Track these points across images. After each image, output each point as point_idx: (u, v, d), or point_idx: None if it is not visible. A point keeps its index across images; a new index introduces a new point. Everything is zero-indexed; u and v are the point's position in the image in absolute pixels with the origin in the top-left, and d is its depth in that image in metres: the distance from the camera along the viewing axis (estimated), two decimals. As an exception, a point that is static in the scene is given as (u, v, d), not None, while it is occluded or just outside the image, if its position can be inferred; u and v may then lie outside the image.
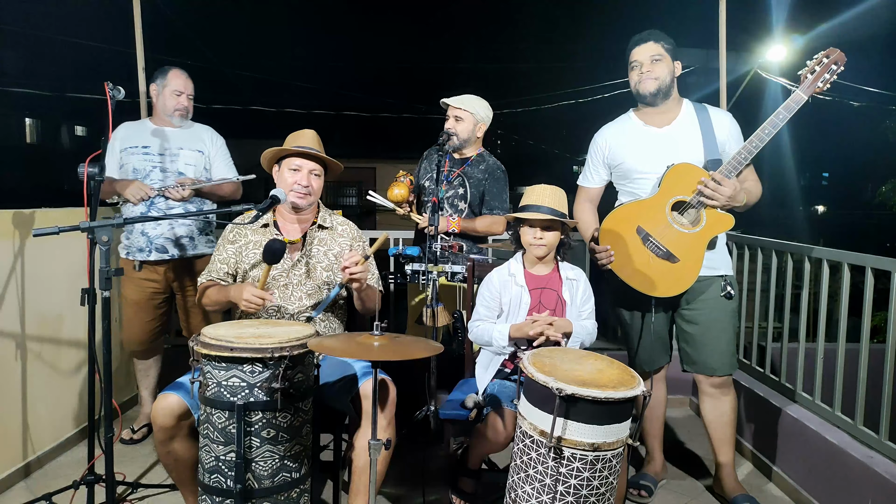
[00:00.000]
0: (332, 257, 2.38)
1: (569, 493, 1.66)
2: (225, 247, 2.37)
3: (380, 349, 1.71)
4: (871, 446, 2.41)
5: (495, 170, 3.09)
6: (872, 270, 2.48)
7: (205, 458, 1.87)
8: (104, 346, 2.10)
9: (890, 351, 2.38)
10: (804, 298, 3.00)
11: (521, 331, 2.18)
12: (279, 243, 2.13)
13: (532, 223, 2.22)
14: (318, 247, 2.37)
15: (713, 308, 2.47)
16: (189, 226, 3.08)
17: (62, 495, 2.47)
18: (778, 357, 3.12)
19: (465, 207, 3.07)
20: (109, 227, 2.04)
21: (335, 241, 2.41)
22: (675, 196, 2.38)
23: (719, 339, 2.48)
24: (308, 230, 2.38)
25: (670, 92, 2.47)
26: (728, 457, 2.59)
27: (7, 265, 2.70)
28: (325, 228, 2.41)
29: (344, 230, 2.45)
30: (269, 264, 2.14)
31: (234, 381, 1.81)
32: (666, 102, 2.48)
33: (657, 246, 2.40)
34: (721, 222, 2.34)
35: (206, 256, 3.08)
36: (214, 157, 3.20)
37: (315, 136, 2.38)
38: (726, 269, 2.49)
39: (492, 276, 2.34)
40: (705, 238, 2.36)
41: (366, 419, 2.08)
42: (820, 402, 2.76)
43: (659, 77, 2.42)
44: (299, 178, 2.29)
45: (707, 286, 2.47)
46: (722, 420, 2.57)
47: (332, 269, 2.37)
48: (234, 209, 2.22)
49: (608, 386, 1.66)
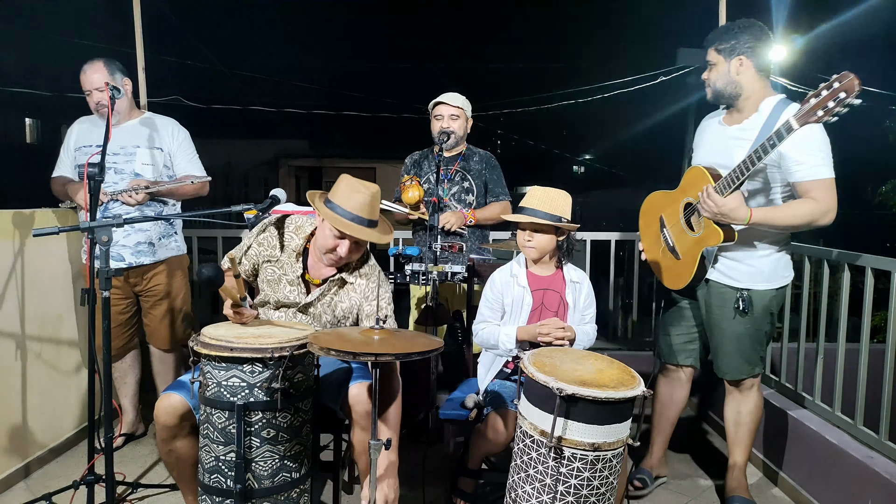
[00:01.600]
0: (341, 312, 2.23)
1: (569, 492, 1.66)
2: (255, 247, 2.22)
3: (380, 343, 1.71)
4: (871, 446, 2.41)
5: (490, 159, 3.25)
6: (872, 270, 2.48)
7: (205, 458, 1.87)
8: (104, 346, 2.10)
9: (890, 351, 2.38)
10: (804, 298, 2.99)
11: (530, 333, 2.18)
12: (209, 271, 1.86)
13: (522, 226, 2.23)
14: (332, 297, 2.22)
15: (725, 318, 2.42)
16: (147, 231, 2.89)
17: (62, 495, 2.47)
18: (778, 357, 3.12)
19: (472, 200, 3.17)
20: (109, 228, 2.04)
21: (349, 295, 2.22)
22: (687, 197, 2.39)
23: (728, 345, 2.45)
24: (332, 277, 2.20)
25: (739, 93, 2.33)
26: (737, 458, 2.57)
27: (7, 265, 2.70)
28: (346, 283, 2.22)
29: (358, 284, 2.20)
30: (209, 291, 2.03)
31: (234, 381, 1.81)
32: (738, 102, 2.35)
33: (667, 239, 2.47)
34: (713, 235, 2.25)
35: (170, 260, 3.02)
36: (176, 154, 2.97)
37: (372, 202, 2.06)
38: (750, 283, 2.36)
39: (494, 277, 2.34)
40: (700, 245, 2.33)
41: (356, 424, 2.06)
42: (820, 402, 2.76)
43: (711, 84, 2.37)
44: (339, 247, 2.07)
45: (725, 294, 2.41)
46: (736, 419, 2.55)
47: (340, 321, 2.24)
48: (234, 209, 2.18)
49: (608, 386, 1.66)
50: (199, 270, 1.89)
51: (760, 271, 2.36)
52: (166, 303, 3.05)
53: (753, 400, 2.53)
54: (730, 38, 2.30)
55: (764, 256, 2.36)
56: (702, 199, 2.23)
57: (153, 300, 3.04)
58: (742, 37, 2.28)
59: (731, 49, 2.29)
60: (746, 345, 2.43)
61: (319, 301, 2.21)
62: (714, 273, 2.41)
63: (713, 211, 2.19)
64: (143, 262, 2.92)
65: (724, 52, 2.31)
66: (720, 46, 2.32)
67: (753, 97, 2.31)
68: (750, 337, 2.42)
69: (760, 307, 2.38)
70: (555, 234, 2.23)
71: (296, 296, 2.21)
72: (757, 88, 2.30)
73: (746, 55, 2.27)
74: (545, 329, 2.15)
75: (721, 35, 2.33)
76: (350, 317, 2.25)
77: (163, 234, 2.99)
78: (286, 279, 2.21)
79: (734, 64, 2.29)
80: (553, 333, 2.15)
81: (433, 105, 3.17)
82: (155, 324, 3.07)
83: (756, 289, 2.37)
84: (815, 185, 2.17)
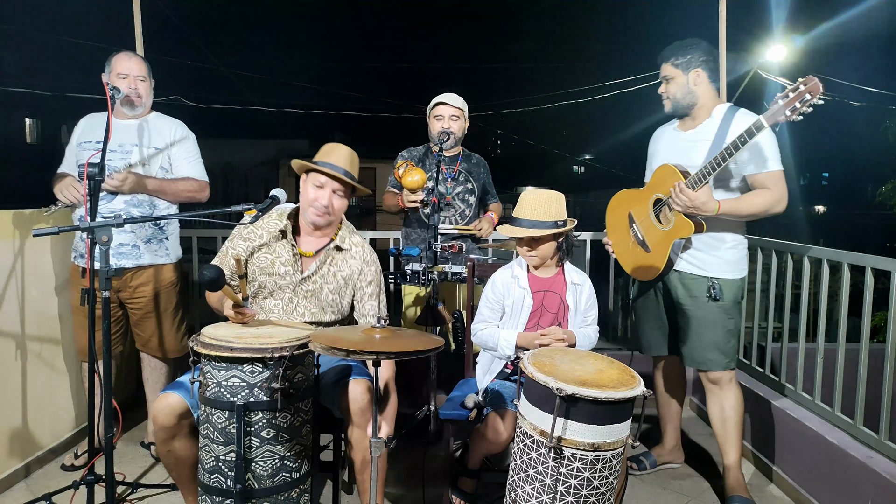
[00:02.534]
0: (342, 280, 2.28)
1: (569, 493, 1.66)
2: (237, 242, 2.27)
3: (381, 341, 1.71)
4: (871, 446, 2.41)
5: (484, 161, 3.35)
6: (872, 270, 2.48)
7: (205, 458, 1.87)
8: (104, 345, 2.10)
9: (890, 351, 2.38)
10: (804, 298, 2.99)
11: (529, 341, 2.18)
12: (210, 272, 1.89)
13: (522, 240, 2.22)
14: (329, 266, 2.27)
15: (699, 307, 2.55)
16: (132, 233, 2.77)
17: (62, 495, 2.47)
18: (778, 357, 3.12)
19: (474, 201, 3.21)
20: (109, 228, 2.04)
21: (347, 263, 2.29)
22: (657, 193, 2.54)
23: (705, 335, 2.55)
24: (325, 247, 2.27)
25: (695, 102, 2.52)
26: (731, 458, 2.60)
27: (7, 265, 2.70)
28: (341, 249, 2.29)
29: (357, 252, 2.31)
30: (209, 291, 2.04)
31: (234, 381, 1.81)
32: (693, 111, 2.55)
33: (637, 233, 2.62)
34: (684, 227, 2.41)
35: (157, 267, 2.87)
36: (176, 155, 2.87)
37: (349, 156, 2.25)
38: (719, 272, 2.52)
39: (495, 278, 2.34)
40: (671, 237, 2.47)
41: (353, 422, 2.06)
42: (820, 402, 2.76)
43: (670, 96, 2.56)
44: (321, 196, 2.19)
45: (696, 285, 2.55)
46: (721, 416, 2.61)
47: (339, 292, 2.28)
48: (234, 209, 2.17)
49: (608, 386, 1.66)
50: (200, 273, 1.92)
51: (728, 261, 2.53)
52: (154, 316, 2.90)
53: (734, 394, 2.62)
54: (685, 53, 2.51)
55: (730, 248, 2.53)
56: (674, 194, 2.38)
57: (140, 313, 2.88)
58: (696, 52, 2.50)
59: (688, 63, 2.50)
60: (720, 334, 2.54)
61: (318, 273, 2.25)
62: (684, 264, 2.56)
63: (686, 205, 2.36)
64: (123, 264, 2.75)
65: (681, 66, 2.51)
66: (677, 61, 2.52)
67: (707, 105, 2.52)
68: (723, 326, 2.54)
69: (730, 296, 2.53)
70: (554, 239, 2.23)
71: (292, 275, 2.23)
72: (710, 97, 2.53)
73: (702, 68, 2.50)
74: (545, 340, 2.15)
75: (676, 51, 2.53)
76: (350, 285, 2.29)
77: (150, 238, 2.83)
78: (280, 261, 2.24)
79: (692, 76, 2.50)
80: (553, 346, 2.14)
81: (433, 105, 3.17)
82: (147, 335, 2.94)
83: (725, 278, 2.53)
84: (768, 177, 2.40)
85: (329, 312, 2.28)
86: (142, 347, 3.00)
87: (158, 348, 2.97)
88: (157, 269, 2.88)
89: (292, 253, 2.24)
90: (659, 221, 2.52)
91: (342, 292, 2.28)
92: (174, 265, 2.97)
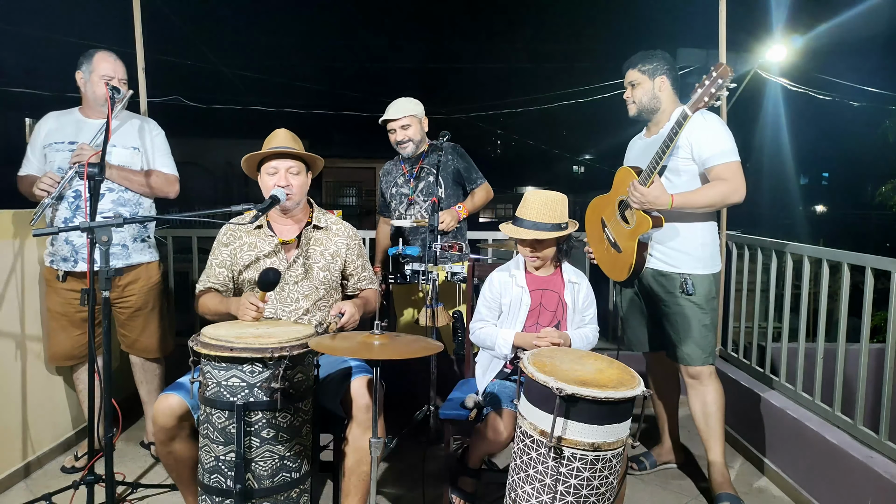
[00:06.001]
0: (329, 257, 2.39)
1: (569, 492, 1.66)
2: (220, 250, 2.38)
3: (380, 348, 1.71)
4: (871, 446, 2.41)
5: (455, 148, 3.26)
6: (872, 270, 2.48)
7: (205, 458, 1.87)
8: (104, 346, 2.10)
9: (890, 351, 2.38)
10: (804, 298, 2.99)
11: (526, 341, 2.18)
12: (274, 273, 2.11)
13: (525, 241, 2.23)
14: (314, 247, 2.38)
15: (674, 303, 2.62)
16: (121, 233, 2.76)
17: (62, 495, 2.47)
18: (778, 357, 3.12)
19: (442, 193, 3.16)
20: (109, 228, 2.04)
21: (331, 240, 2.42)
22: (620, 195, 2.61)
23: (681, 331, 2.61)
24: (303, 230, 2.38)
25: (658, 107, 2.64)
26: (715, 453, 2.64)
27: (7, 265, 2.70)
28: (320, 228, 2.41)
29: (339, 230, 2.45)
30: (263, 291, 2.12)
31: (233, 381, 1.81)
32: (656, 116, 2.67)
33: (609, 236, 2.68)
34: (644, 223, 2.46)
35: (144, 266, 2.87)
36: (153, 154, 2.87)
37: (287, 135, 2.36)
38: (691, 268, 2.59)
39: (493, 277, 2.34)
40: (635, 234, 2.52)
41: (354, 419, 2.08)
42: (820, 402, 2.76)
43: (636, 100, 2.65)
44: (277, 180, 2.29)
45: (669, 281, 2.62)
46: (704, 411, 2.65)
47: (329, 268, 2.38)
48: (233, 209, 2.19)
49: (608, 386, 1.66)
50: (264, 273, 2.10)
51: (698, 258, 2.60)
52: (143, 315, 2.91)
53: (715, 389, 2.66)
54: (651, 60, 2.62)
55: (701, 245, 2.60)
56: (630, 192, 2.47)
57: (128, 312, 2.88)
58: (660, 60, 2.62)
59: (654, 70, 2.61)
60: (696, 329, 2.60)
61: (303, 256, 2.34)
62: (657, 262, 2.63)
63: (640, 201, 2.44)
64: (115, 264, 2.72)
65: (647, 73, 2.62)
66: (643, 68, 2.62)
67: (668, 110, 2.63)
68: (698, 321, 2.60)
69: (703, 291, 2.59)
70: (557, 242, 2.23)
71: (277, 265, 2.30)
72: (671, 103, 2.63)
73: (666, 74, 2.61)
74: (542, 343, 2.15)
75: (643, 58, 2.63)
76: (338, 259, 2.40)
77: (136, 237, 2.83)
78: (263, 254, 2.33)
79: (657, 82, 2.61)
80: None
81: (381, 122, 3.18)
82: (134, 335, 2.93)
83: (696, 273, 2.59)
84: (725, 168, 2.47)
85: (322, 289, 2.36)
86: (128, 349, 2.98)
87: (146, 348, 2.97)
88: (144, 267, 2.89)
89: (273, 244, 2.33)
90: (626, 221, 2.58)
91: (332, 268, 2.39)
92: (158, 263, 2.99)
